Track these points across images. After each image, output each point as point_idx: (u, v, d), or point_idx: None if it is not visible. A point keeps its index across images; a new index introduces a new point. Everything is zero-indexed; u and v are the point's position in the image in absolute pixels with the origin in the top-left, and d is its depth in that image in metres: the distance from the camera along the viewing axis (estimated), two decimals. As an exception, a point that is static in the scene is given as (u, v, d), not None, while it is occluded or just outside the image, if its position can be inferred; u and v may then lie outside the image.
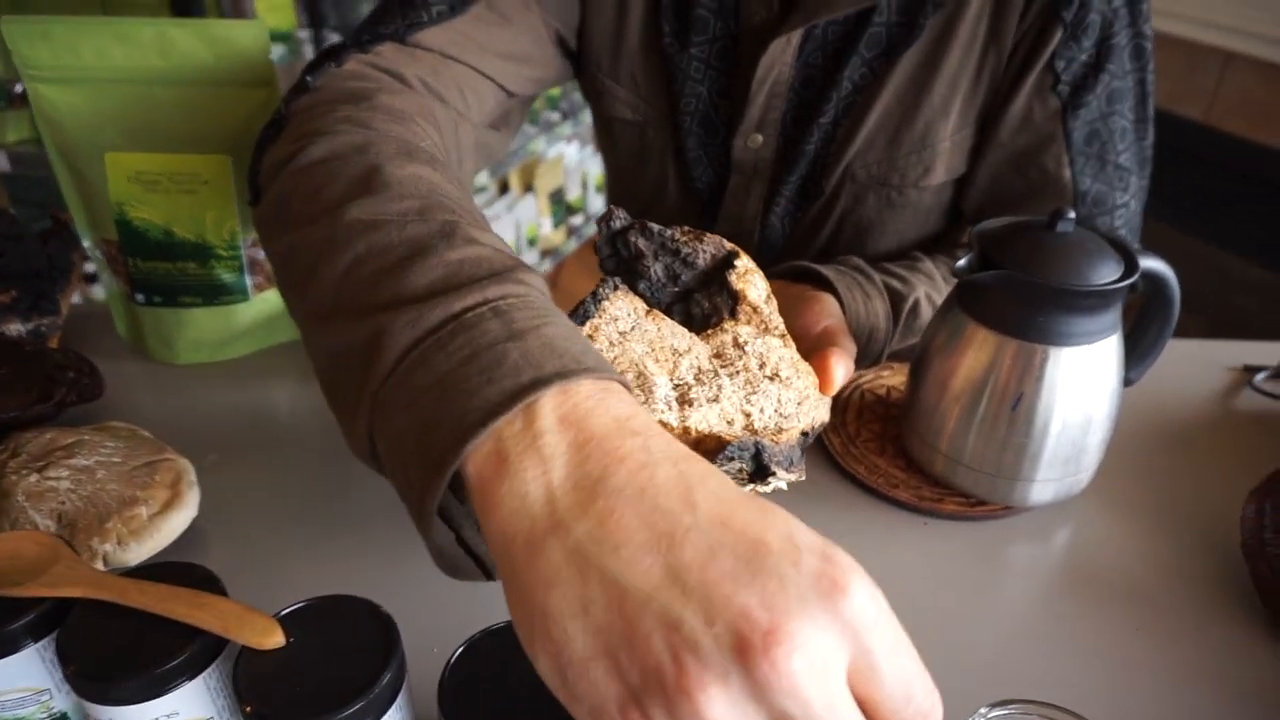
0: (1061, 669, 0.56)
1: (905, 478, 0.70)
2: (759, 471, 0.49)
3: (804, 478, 0.59)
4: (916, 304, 0.76)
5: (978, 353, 0.64)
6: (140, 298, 0.79)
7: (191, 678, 0.44)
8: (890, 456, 0.72)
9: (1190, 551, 0.65)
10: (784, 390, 0.52)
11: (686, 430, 0.48)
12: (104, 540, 0.57)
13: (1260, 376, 0.85)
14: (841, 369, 0.61)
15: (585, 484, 0.32)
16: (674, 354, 0.49)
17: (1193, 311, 0.94)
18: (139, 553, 0.58)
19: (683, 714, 0.27)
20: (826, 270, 0.73)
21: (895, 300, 0.76)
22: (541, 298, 0.41)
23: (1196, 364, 0.88)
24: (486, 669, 0.43)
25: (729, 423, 0.49)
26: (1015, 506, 0.67)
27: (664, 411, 0.48)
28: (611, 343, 0.48)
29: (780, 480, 0.51)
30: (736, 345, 0.52)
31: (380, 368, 0.38)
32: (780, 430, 0.51)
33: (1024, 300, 0.61)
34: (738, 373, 0.51)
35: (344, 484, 0.69)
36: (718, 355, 0.51)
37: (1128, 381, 0.69)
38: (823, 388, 0.61)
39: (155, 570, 0.48)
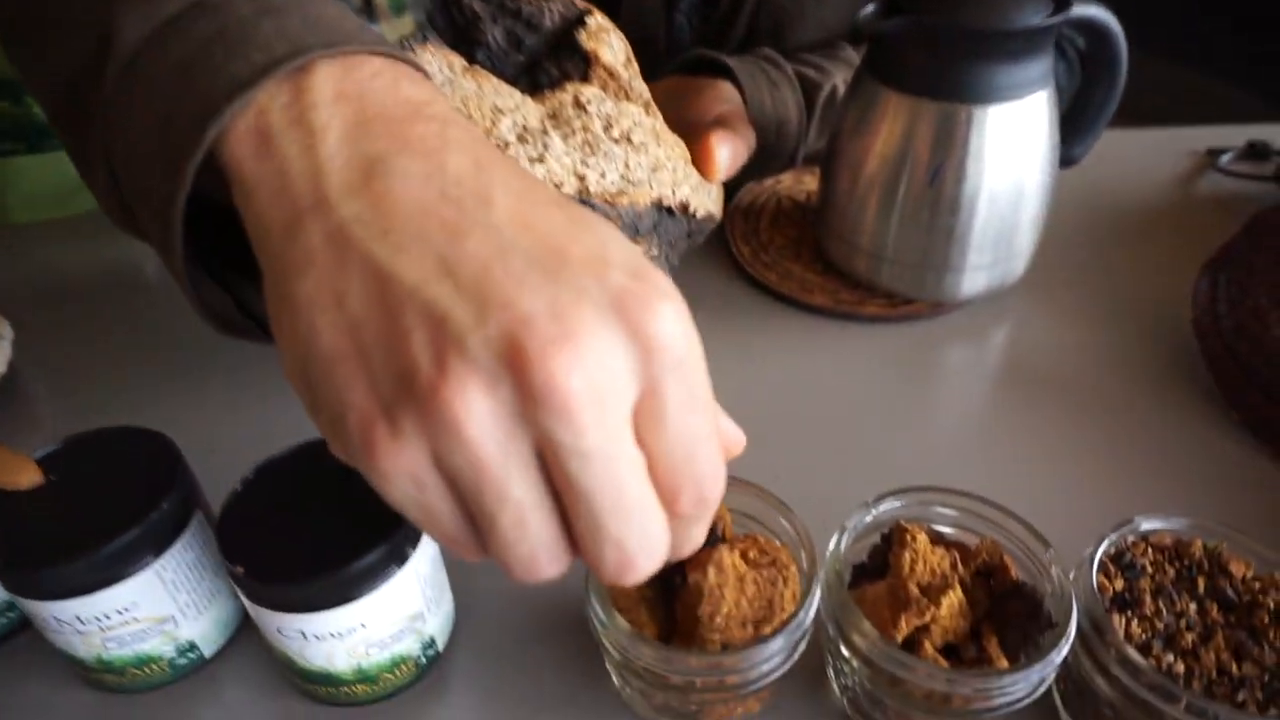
0: (999, 469, 0.49)
1: (822, 282, 0.62)
2: None
3: (673, 264, 0.52)
4: (834, 92, 0.67)
5: (892, 124, 0.55)
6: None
7: (-60, 526, 0.38)
8: (806, 262, 0.64)
9: (1138, 338, 0.59)
10: (635, 155, 0.44)
11: None
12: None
13: (1225, 158, 0.77)
14: (726, 149, 0.53)
15: (360, 163, 0.26)
16: (494, 112, 0.41)
17: (1157, 94, 0.86)
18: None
19: (437, 425, 0.22)
20: (727, 58, 0.64)
21: (809, 89, 0.67)
22: None
23: (1152, 150, 0.79)
24: (276, 497, 0.37)
25: (557, 185, 0.41)
26: (945, 303, 0.60)
27: None
28: None
29: None
30: (578, 105, 0.43)
31: (110, 74, 0.30)
32: (622, 194, 0.43)
33: (938, 51, 0.52)
34: (574, 133, 0.42)
35: (196, 337, 0.61)
36: (553, 116, 0.43)
37: (1069, 160, 0.61)
38: (704, 171, 0.53)
39: (-99, 412, 0.41)
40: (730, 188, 0.69)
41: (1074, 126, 0.61)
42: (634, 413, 0.24)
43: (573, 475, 0.23)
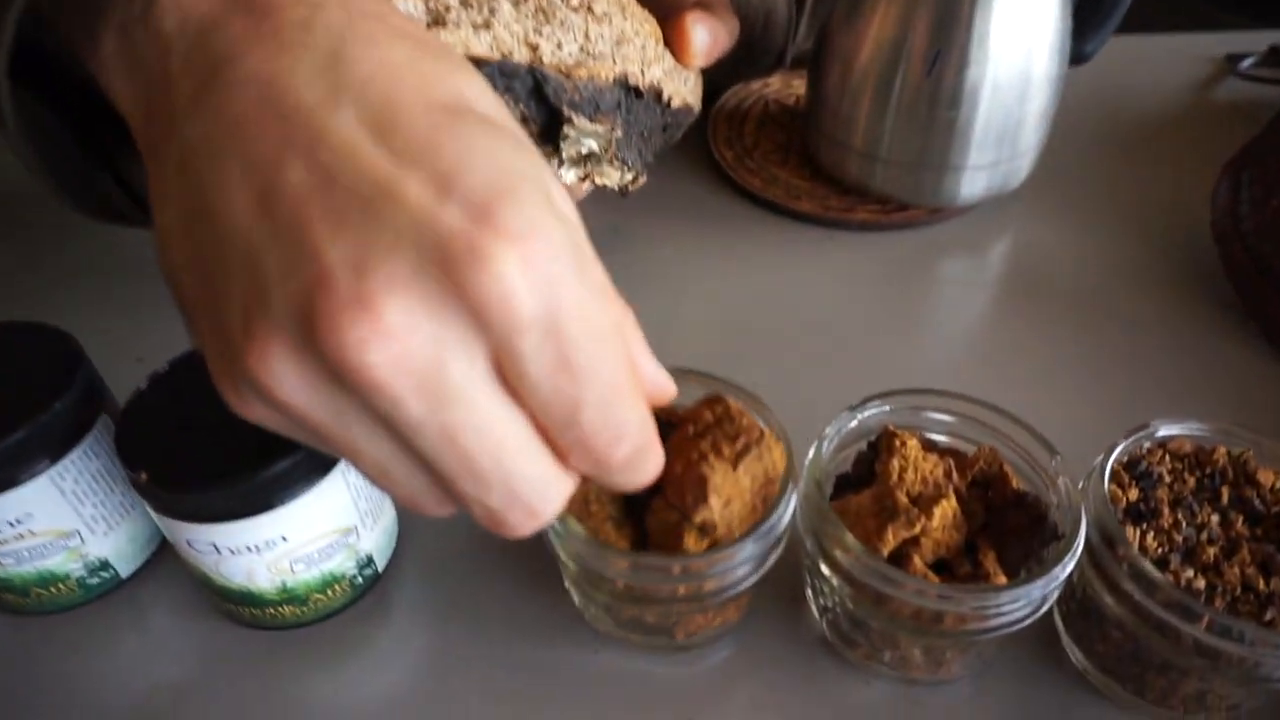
0: (1001, 381, 0.45)
1: (810, 188, 0.57)
2: (546, 117, 0.37)
3: (648, 161, 0.47)
4: (827, -15, 0.61)
5: (888, 7, 0.50)
6: None
7: None
8: (793, 168, 0.59)
9: (1151, 245, 0.54)
10: (596, 25, 0.39)
11: None
12: None
13: (1246, 63, 0.72)
14: (703, 29, 0.48)
15: (204, 68, 0.21)
16: None
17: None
18: None
19: (255, 387, 0.20)
20: None
21: (800, -21, 0.61)
22: None
23: (1167, 55, 0.74)
24: (188, 398, 0.32)
25: (505, 55, 0.36)
26: (942, 208, 0.55)
27: None
28: None
29: (587, 137, 0.39)
30: None
31: None
32: (580, 67, 0.38)
33: (942, -84, 0.46)
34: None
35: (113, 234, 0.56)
36: None
37: (1080, 57, 0.56)
38: (680, 55, 0.48)
39: None
40: (714, 91, 0.64)
41: (1086, 19, 0.55)
42: (496, 368, 0.20)
43: (409, 442, 0.20)
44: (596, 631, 0.36)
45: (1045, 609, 0.30)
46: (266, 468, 0.29)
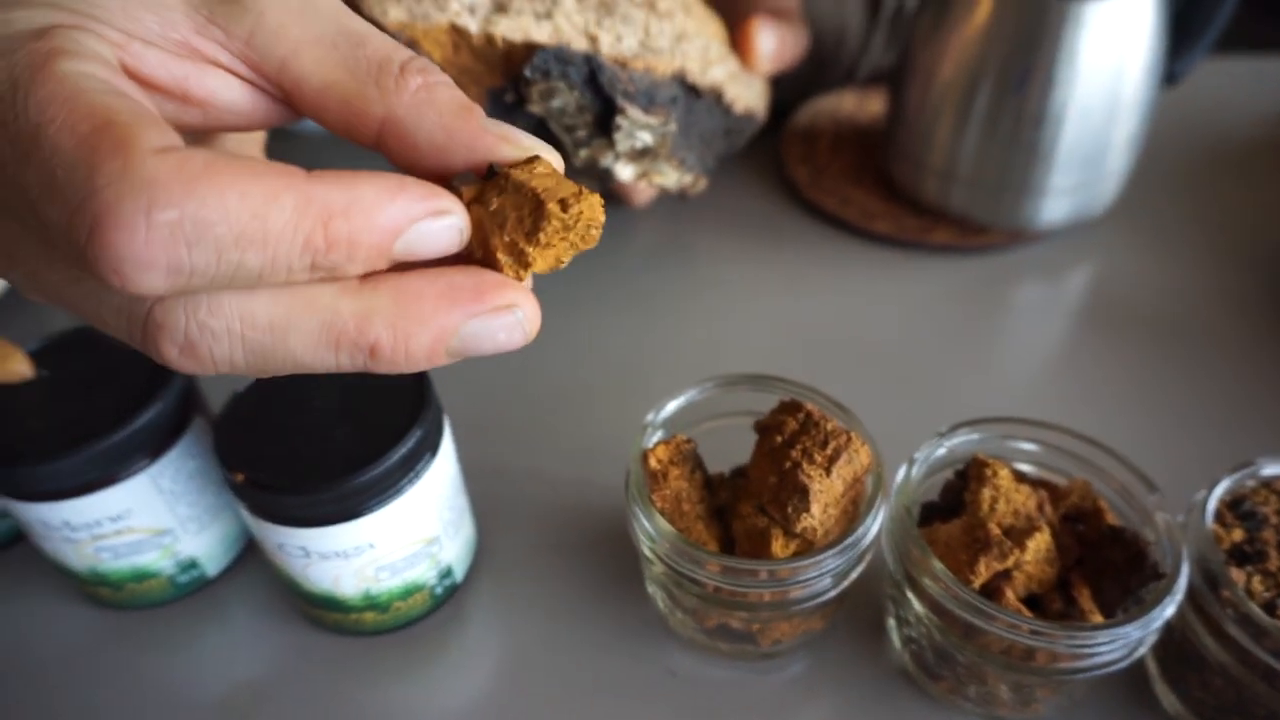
0: (1087, 410, 0.44)
1: (885, 209, 0.57)
2: (601, 106, 0.38)
3: (708, 166, 0.47)
4: (903, 4, 0.61)
5: (973, 22, 0.49)
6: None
7: (-73, 423, 0.35)
8: (869, 188, 0.59)
9: (1245, 272, 0.52)
10: (657, 21, 0.40)
11: (490, 39, 0.36)
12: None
13: (1339, 88, 0.69)
14: (769, 35, 0.48)
15: None
16: None
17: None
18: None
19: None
20: None
21: (875, -3, 0.61)
22: None
23: (1260, 79, 0.72)
24: (283, 402, 0.33)
25: (565, 44, 0.37)
26: (1022, 230, 0.54)
27: (460, 13, 0.36)
28: None
29: (640, 129, 0.39)
30: None
31: None
32: (638, 59, 0.39)
33: (1034, -63, 0.46)
34: None
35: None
36: None
37: (1170, 78, 0.54)
38: (745, 58, 0.48)
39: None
40: (786, 107, 0.64)
41: (1177, 41, 0.54)
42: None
43: None
44: (676, 640, 0.35)
45: (1142, 651, 0.29)
46: (361, 474, 0.30)
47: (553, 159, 0.20)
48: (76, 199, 0.16)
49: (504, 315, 0.19)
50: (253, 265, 0.16)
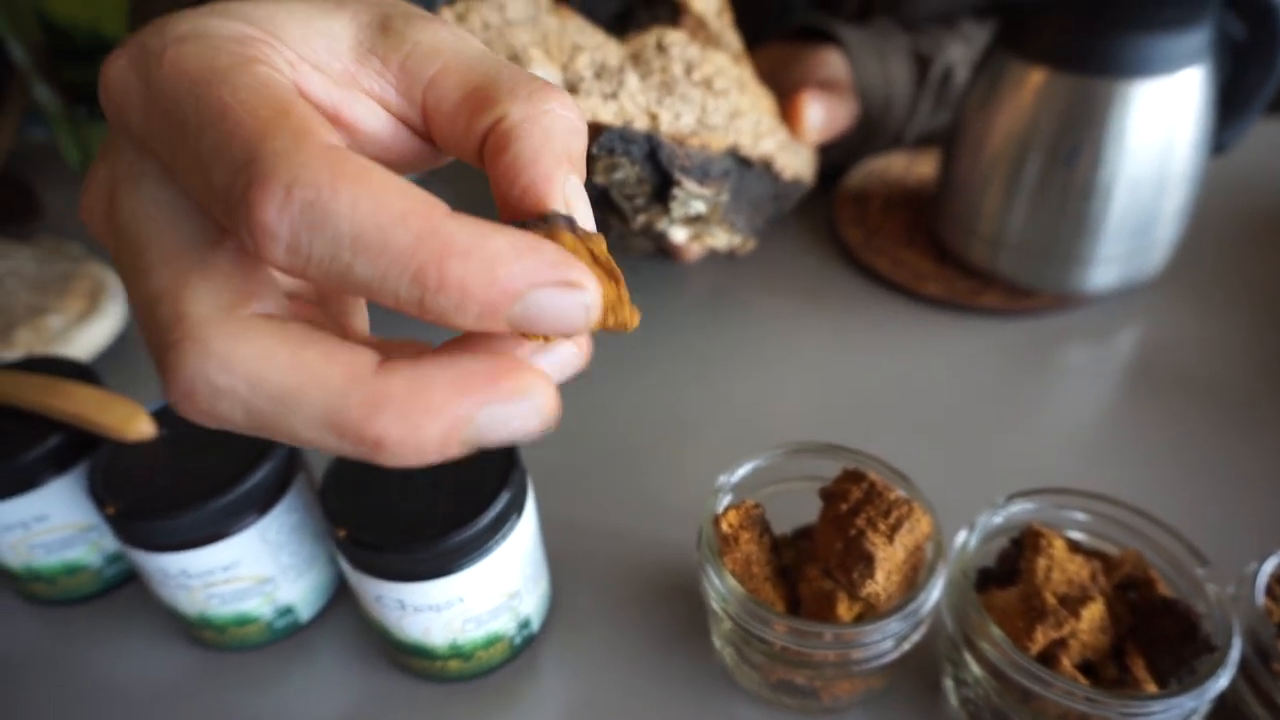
0: (1135, 478, 0.45)
1: (936, 271, 0.59)
2: (659, 179, 0.40)
3: (757, 228, 0.50)
4: (950, 70, 0.63)
5: (1022, 99, 0.51)
6: (82, 110, 0.72)
7: (58, 474, 0.38)
8: (920, 249, 0.61)
9: (1289, 342, 0.54)
10: (713, 100, 0.43)
11: None
12: (11, 349, 0.51)
13: (1388, 151, 0.70)
14: (817, 107, 0.51)
15: None
16: (574, 49, 0.40)
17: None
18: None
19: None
20: (836, 27, 0.61)
21: (922, 63, 0.63)
22: None
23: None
24: (372, 468, 0.36)
25: (628, 121, 0.40)
26: (1070, 296, 0.56)
27: None
28: (486, 24, 0.39)
29: (694, 199, 0.42)
30: (660, 48, 0.42)
31: None
32: (694, 136, 0.42)
33: (1082, 18, 0.48)
34: (653, 73, 0.42)
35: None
36: (634, 57, 0.42)
37: (1218, 147, 0.56)
38: (794, 129, 0.51)
39: (23, 364, 0.41)
40: (836, 168, 0.67)
41: (1224, 112, 0.56)
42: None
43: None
44: (741, 693, 0.37)
45: None
46: (456, 534, 0.32)
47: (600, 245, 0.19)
48: (243, 160, 0.17)
49: (520, 402, 0.18)
50: (361, 275, 0.16)
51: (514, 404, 0.18)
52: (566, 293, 0.17)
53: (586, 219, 0.20)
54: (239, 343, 0.17)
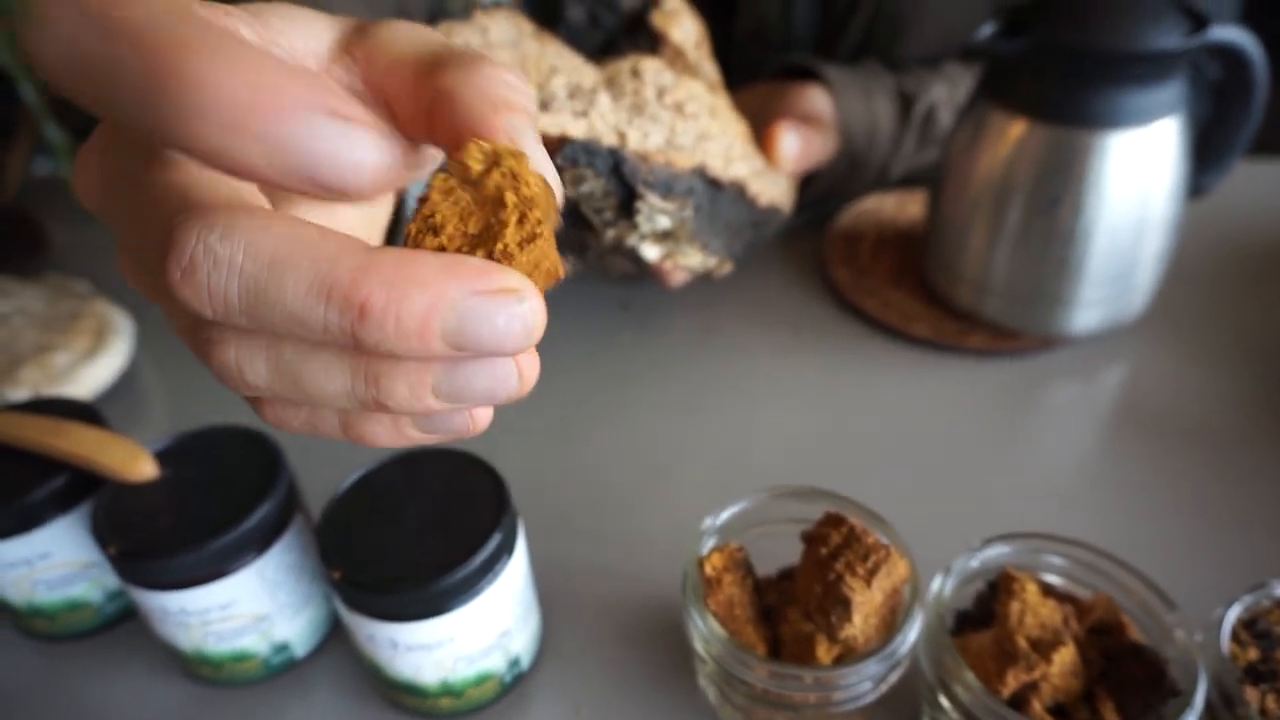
0: (1112, 520, 0.46)
1: (924, 312, 0.60)
2: (624, 193, 0.42)
3: (735, 253, 0.51)
4: (933, 109, 0.65)
5: (1006, 147, 0.53)
6: (89, 151, 0.74)
7: (61, 513, 0.39)
8: (908, 290, 0.62)
9: (1271, 384, 0.55)
10: (683, 122, 0.45)
11: None
12: (17, 387, 0.52)
13: (1367, 194, 0.72)
14: (793, 137, 0.52)
15: None
16: (551, 71, 0.42)
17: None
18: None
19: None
20: (822, 65, 0.64)
21: (906, 101, 0.65)
22: None
23: (1288, 183, 0.74)
24: (374, 506, 0.37)
25: (596, 138, 0.42)
26: (1054, 337, 0.57)
27: None
28: (468, 46, 0.41)
29: (659, 214, 0.43)
30: (634, 73, 0.45)
31: None
32: (660, 153, 0.43)
33: (1060, 72, 0.50)
34: (624, 95, 0.43)
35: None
36: (609, 81, 0.44)
37: (1198, 190, 0.57)
38: (769, 157, 0.53)
39: (27, 405, 0.43)
40: (823, 207, 0.68)
41: (1203, 155, 0.57)
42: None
43: None
44: (721, 741, 0.38)
45: (1164, 762, 0.31)
46: (448, 576, 0.33)
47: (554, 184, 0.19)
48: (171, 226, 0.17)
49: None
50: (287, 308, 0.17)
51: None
52: (502, 301, 0.17)
53: (541, 162, 0.20)
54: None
